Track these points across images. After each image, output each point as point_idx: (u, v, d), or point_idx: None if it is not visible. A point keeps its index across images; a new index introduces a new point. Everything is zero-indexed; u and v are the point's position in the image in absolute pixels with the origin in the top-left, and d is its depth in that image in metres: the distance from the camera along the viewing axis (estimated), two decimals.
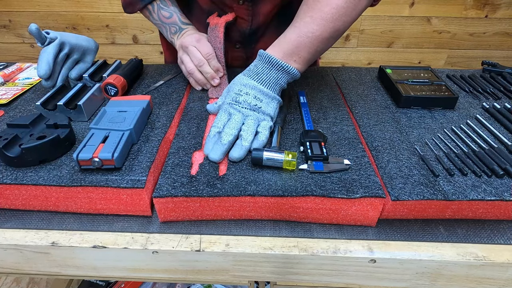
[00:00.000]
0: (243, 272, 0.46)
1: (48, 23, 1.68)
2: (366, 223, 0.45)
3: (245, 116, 0.54)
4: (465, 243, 0.44)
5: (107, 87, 0.64)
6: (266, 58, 0.56)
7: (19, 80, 0.75)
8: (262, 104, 0.55)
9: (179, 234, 0.44)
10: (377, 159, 0.49)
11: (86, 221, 0.46)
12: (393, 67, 0.74)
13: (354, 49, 1.76)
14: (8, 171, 0.46)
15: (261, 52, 0.57)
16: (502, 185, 0.45)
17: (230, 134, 0.50)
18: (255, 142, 0.51)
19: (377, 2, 0.60)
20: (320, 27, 0.54)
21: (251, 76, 0.56)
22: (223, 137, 0.50)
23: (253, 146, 0.50)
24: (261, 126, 0.53)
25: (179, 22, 0.73)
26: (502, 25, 1.68)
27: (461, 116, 0.62)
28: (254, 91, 0.55)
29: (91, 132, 0.49)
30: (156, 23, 0.75)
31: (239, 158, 0.48)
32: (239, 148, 0.49)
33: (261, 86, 0.55)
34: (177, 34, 0.72)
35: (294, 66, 0.56)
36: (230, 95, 0.56)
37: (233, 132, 0.51)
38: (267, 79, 0.56)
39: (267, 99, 0.55)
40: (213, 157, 0.48)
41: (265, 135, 0.52)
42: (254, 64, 0.57)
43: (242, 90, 0.55)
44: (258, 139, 0.51)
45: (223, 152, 0.49)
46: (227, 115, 0.54)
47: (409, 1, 1.61)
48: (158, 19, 0.73)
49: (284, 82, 0.57)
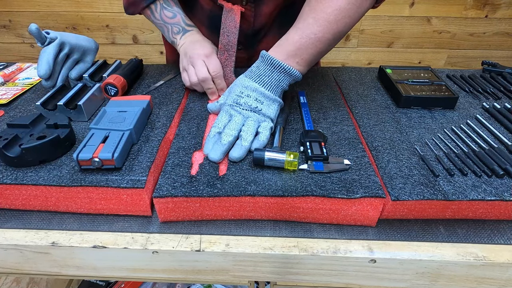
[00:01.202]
0: (243, 272, 0.46)
1: (48, 23, 1.68)
2: (366, 223, 0.45)
3: (245, 117, 0.54)
4: (465, 243, 0.44)
5: (107, 87, 0.64)
6: (268, 60, 0.55)
7: (19, 80, 0.75)
8: (263, 106, 0.55)
9: (179, 234, 0.44)
10: (377, 159, 0.49)
11: (86, 221, 0.46)
12: (393, 67, 0.74)
13: (354, 49, 1.76)
14: (8, 171, 0.46)
15: (263, 54, 0.57)
16: (502, 185, 0.45)
17: (230, 134, 0.50)
18: (256, 142, 0.51)
19: (378, 4, 0.60)
20: (323, 29, 0.54)
21: (252, 78, 0.56)
22: (223, 138, 0.50)
23: (253, 146, 0.51)
24: (262, 127, 0.53)
25: (183, 23, 0.72)
26: (502, 25, 1.68)
27: (461, 116, 0.62)
28: (255, 93, 0.55)
29: (91, 132, 0.49)
30: (157, 23, 0.74)
31: (239, 158, 0.49)
32: (239, 148, 0.49)
33: (262, 88, 0.55)
34: (180, 35, 0.72)
35: (296, 68, 0.56)
36: (232, 96, 0.56)
37: (233, 133, 0.51)
38: (269, 81, 0.56)
39: (268, 101, 0.55)
40: (213, 157, 0.48)
41: (266, 136, 0.52)
42: (256, 65, 0.57)
43: (243, 92, 0.55)
44: (258, 140, 0.51)
45: (223, 152, 0.49)
46: (227, 116, 0.54)
47: (409, 1, 1.61)
48: (160, 19, 0.72)
49: (286, 84, 0.57)
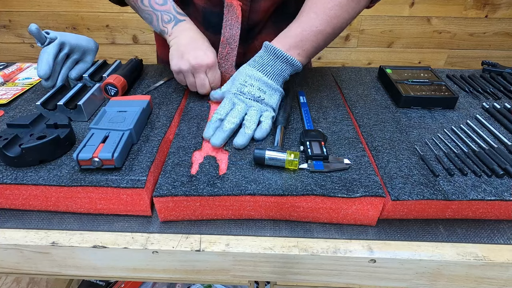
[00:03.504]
0: (243, 272, 0.46)
1: (48, 23, 1.68)
2: (366, 223, 0.45)
3: (248, 106, 0.56)
4: (465, 243, 0.44)
5: (107, 87, 0.64)
6: (271, 49, 0.58)
7: (19, 80, 0.75)
8: (266, 96, 0.57)
9: (179, 234, 0.44)
10: (377, 159, 0.49)
11: (86, 221, 0.46)
12: (393, 67, 0.74)
13: (354, 49, 1.76)
14: (8, 171, 0.46)
15: (266, 44, 0.59)
16: (502, 185, 0.45)
17: (232, 122, 0.53)
18: (258, 131, 0.53)
19: (373, 4, 0.64)
20: (324, 23, 0.57)
21: (256, 67, 0.58)
22: (225, 124, 0.52)
23: (256, 135, 0.53)
24: (264, 116, 0.55)
25: (174, 11, 0.68)
26: (502, 25, 1.68)
27: (461, 116, 0.62)
28: (259, 82, 0.57)
29: (91, 132, 0.49)
30: (145, 10, 0.68)
31: (243, 145, 0.51)
32: (243, 136, 0.51)
33: (265, 77, 0.57)
34: (171, 24, 0.67)
35: (298, 59, 0.58)
36: (235, 85, 0.58)
37: (235, 120, 0.53)
38: (272, 70, 0.58)
39: (270, 91, 0.57)
40: (214, 142, 0.50)
41: (268, 124, 0.54)
42: (259, 55, 0.59)
43: (247, 81, 0.57)
44: (261, 128, 0.53)
45: (224, 138, 0.51)
46: (231, 104, 0.56)
47: (409, 1, 1.61)
48: (149, 5, 0.67)
49: (288, 74, 0.59)
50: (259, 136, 0.53)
